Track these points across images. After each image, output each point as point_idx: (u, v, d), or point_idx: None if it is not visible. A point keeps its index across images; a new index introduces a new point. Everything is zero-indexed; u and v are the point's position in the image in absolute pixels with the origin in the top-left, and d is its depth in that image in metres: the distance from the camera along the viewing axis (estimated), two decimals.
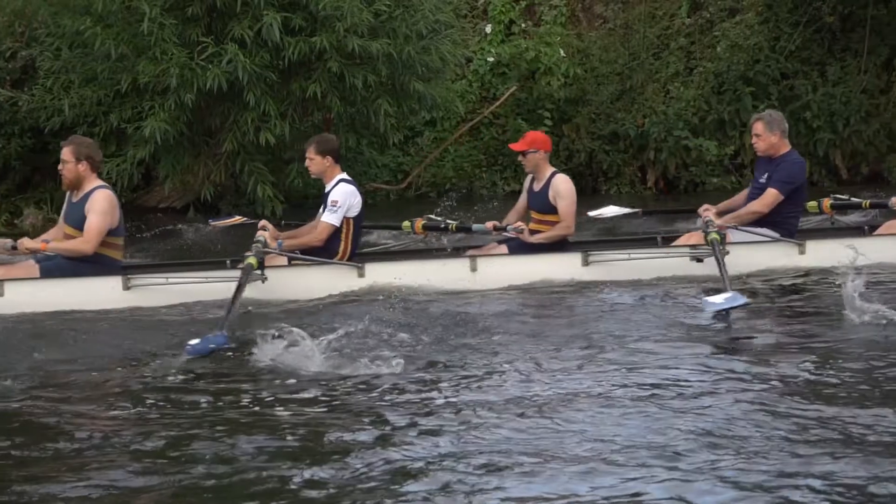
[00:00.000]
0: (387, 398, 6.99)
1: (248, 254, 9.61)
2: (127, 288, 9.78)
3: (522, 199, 11.02)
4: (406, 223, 11.36)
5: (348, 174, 10.65)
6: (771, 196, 10.46)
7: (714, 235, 9.85)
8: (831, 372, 7.18)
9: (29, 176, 17.65)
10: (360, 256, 10.59)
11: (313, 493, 5.43)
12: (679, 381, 7.09)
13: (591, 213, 12.65)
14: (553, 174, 10.74)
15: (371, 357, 7.68)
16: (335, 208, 10.15)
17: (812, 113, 19.25)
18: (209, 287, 9.85)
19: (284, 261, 10.16)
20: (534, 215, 10.77)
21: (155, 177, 17.64)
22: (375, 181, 19.10)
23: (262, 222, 10.34)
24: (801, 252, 10.46)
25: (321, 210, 10.38)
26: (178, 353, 8.07)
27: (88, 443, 6.31)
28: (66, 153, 9.87)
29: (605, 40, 20.60)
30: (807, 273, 10.18)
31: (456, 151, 19.81)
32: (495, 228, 10.72)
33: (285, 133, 15.92)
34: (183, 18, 15.61)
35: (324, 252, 10.18)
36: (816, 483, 5.27)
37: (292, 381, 7.43)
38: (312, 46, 15.53)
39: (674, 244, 10.68)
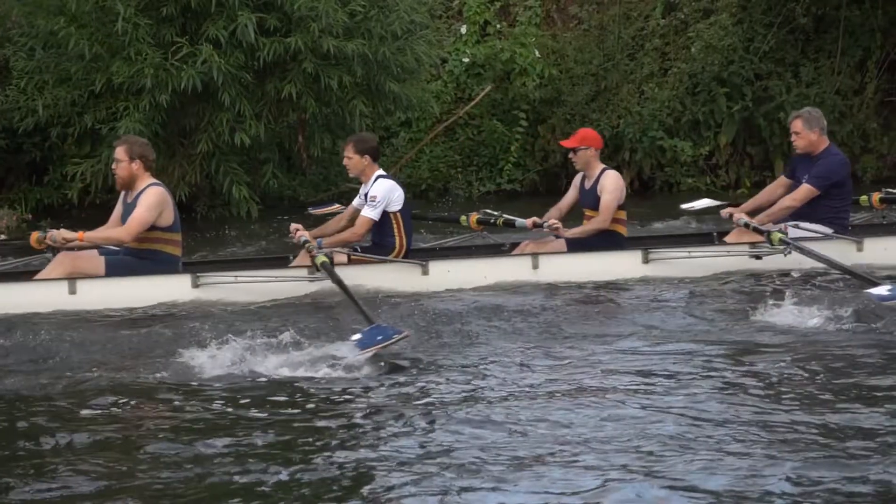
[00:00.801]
0: (460, 394, 7.09)
1: (314, 254, 9.61)
2: (196, 286, 9.85)
3: (568, 197, 11.19)
4: (462, 217, 11.53)
5: (322, 175, 10.69)
6: (804, 191, 10.46)
7: (779, 235, 9.91)
8: None
9: (3, 176, 17.58)
10: (420, 253, 10.76)
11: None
12: (755, 381, 7.11)
13: (684, 206, 12.71)
14: (603, 170, 10.86)
15: (444, 355, 7.90)
16: (374, 203, 10.23)
17: (786, 114, 19.21)
18: (276, 286, 9.95)
19: (344, 258, 10.22)
20: (586, 212, 10.89)
21: None
22: (350, 182, 19.08)
23: (295, 224, 10.36)
24: (860, 249, 10.38)
25: (356, 205, 10.54)
26: (248, 348, 8.10)
27: (159, 440, 6.35)
28: (120, 152, 9.91)
29: (580, 41, 20.62)
30: (870, 271, 9.92)
31: (431, 152, 19.82)
32: (534, 225, 10.83)
33: (260, 134, 15.90)
34: (157, 19, 15.57)
35: (379, 249, 10.33)
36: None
37: (374, 377, 7.58)
38: (287, 47, 15.51)
39: (730, 241, 10.69)
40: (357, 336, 8.06)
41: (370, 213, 10.22)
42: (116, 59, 15.51)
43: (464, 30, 20.55)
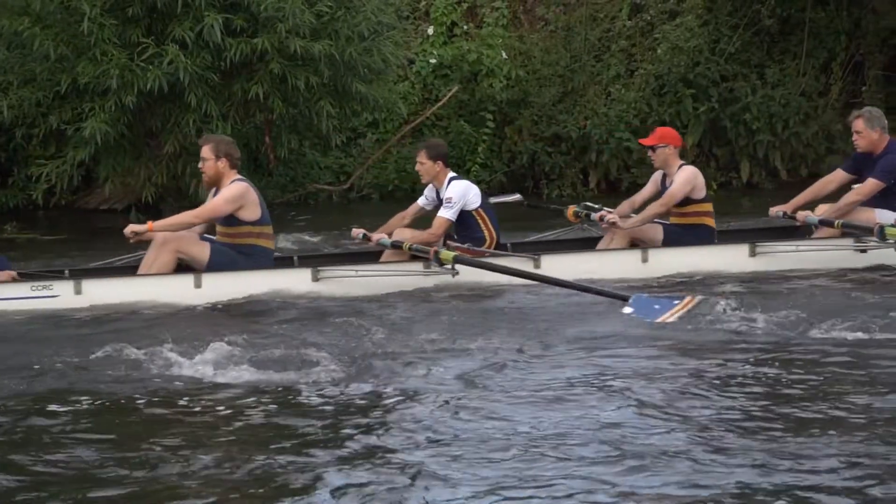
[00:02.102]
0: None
1: (438, 250, 9.88)
2: (316, 280, 10.02)
3: (644, 192, 11.34)
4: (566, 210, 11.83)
5: (289, 176, 10.73)
6: (870, 185, 10.62)
7: (892, 229, 10.08)
8: None
9: None
10: (526, 246, 11.03)
11: None
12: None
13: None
14: (681, 166, 10.95)
15: (567, 347, 8.03)
16: (451, 204, 10.49)
17: (752, 115, 19.43)
18: (396, 280, 10.17)
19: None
20: (672, 209, 10.98)
21: (95, 178, 17.50)
22: (318, 182, 19.07)
23: (357, 229, 10.72)
24: None
25: (421, 204, 10.89)
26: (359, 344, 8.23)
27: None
28: (206, 151, 10.07)
29: (547, 42, 20.68)
30: None
31: (398, 153, 19.80)
32: (600, 219, 11.06)
33: (227, 134, 15.83)
34: (123, 19, 15.49)
35: (472, 242, 10.50)
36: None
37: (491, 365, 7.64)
38: (254, 47, 15.46)
39: (819, 237, 10.82)
40: (630, 309, 8.50)
41: (447, 213, 10.48)
42: (82, 59, 15.42)
43: (431, 31, 20.56)
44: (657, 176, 11.19)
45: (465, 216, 10.54)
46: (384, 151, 19.65)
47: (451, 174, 10.75)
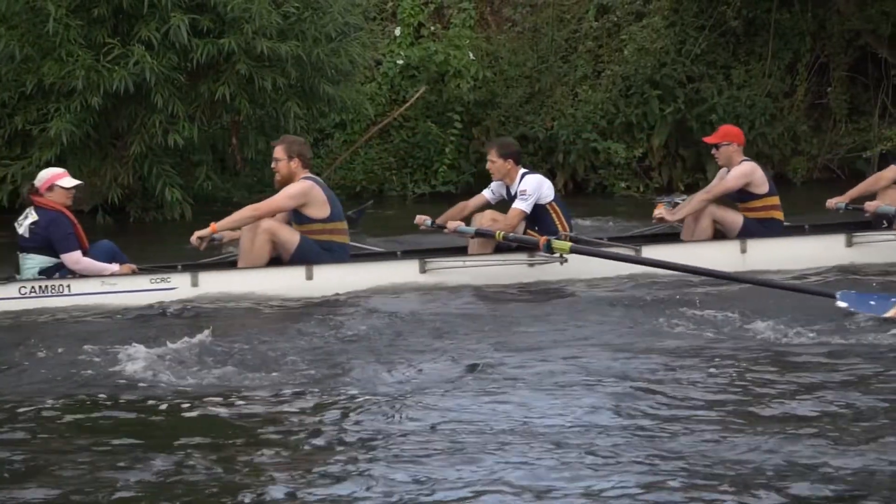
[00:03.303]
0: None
1: (550, 238, 9.86)
2: (423, 271, 10.16)
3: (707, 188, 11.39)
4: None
5: (258, 178, 10.75)
6: None
7: None
8: None
9: None
10: (625, 239, 11.12)
11: None
12: None
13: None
14: (741, 163, 11.03)
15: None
16: (525, 196, 10.56)
17: (718, 116, 19.48)
18: (504, 270, 10.28)
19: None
20: (738, 206, 11.09)
21: None
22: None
23: (422, 216, 10.99)
24: None
25: (488, 197, 10.97)
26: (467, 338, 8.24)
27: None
28: (279, 151, 10.23)
29: (514, 43, 20.72)
30: None
31: (366, 154, 19.81)
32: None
33: (194, 135, 15.81)
34: (88, 20, 15.42)
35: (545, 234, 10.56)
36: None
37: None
38: (220, 48, 15.43)
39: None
40: (843, 303, 8.46)
41: (522, 205, 10.55)
42: (47, 60, 15.35)
43: (398, 32, 20.57)
44: (722, 173, 11.27)
45: (538, 210, 10.61)
46: (351, 152, 19.65)
47: (523, 170, 10.82)
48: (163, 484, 5.43)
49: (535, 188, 10.60)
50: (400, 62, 20.20)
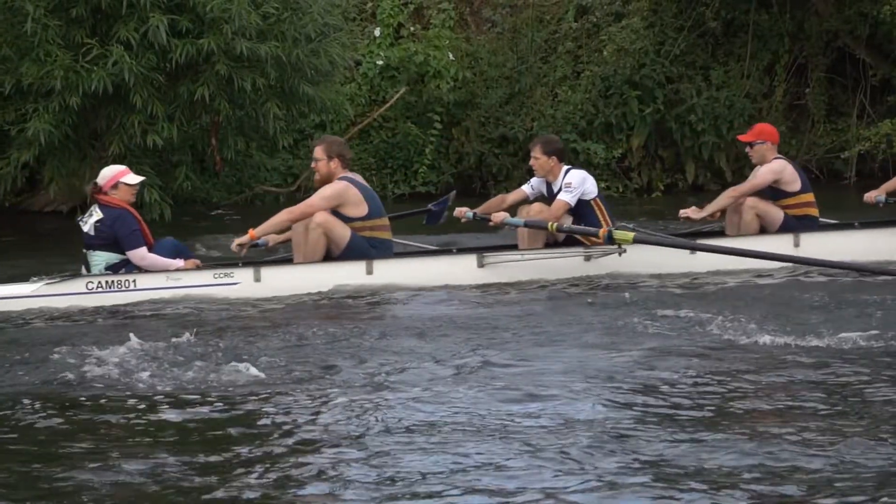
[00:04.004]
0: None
1: (611, 229, 10.14)
2: (481, 266, 10.23)
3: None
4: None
5: (237, 178, 10.74)
6: None
7: None
8: None
9: None
10: (690, 236, 11.13)
11: None
12: None
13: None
14: (772, 161, 11.05)
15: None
16: (570, 189, 10.61)
17: (697, 116, 19.56)
18: (561, 263, 10.33)
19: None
20: (778, 202, 11.05)
21: (40, 180, 17.38)
22: (265, 184, 19.02)
23: (462, 209, 11.06)
24: None
25: (527, 192, 11.06)
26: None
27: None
28: (319, 151, 10.32)
29: (494, 44, 20.75)
30: None
31: None
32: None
33: (173, 136, 15.77)
34: (67, 20, 15.36)
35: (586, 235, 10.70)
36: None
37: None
38: (200, 48, 15.39)
39: None
40: None
41: (567, 197, 10.58)
42: (25, 60, 15.29)
43: (377, 32, 20.57)
44: (756, 170, 11.30)
45: (582, 205, 10.64)
46: None
47: (567, 166, 10.89)
48: (221, 478, 5.44)
49: (580, 182, 10.65)
50: (380, 63, 20.21)
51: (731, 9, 20.11)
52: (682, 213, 11.16)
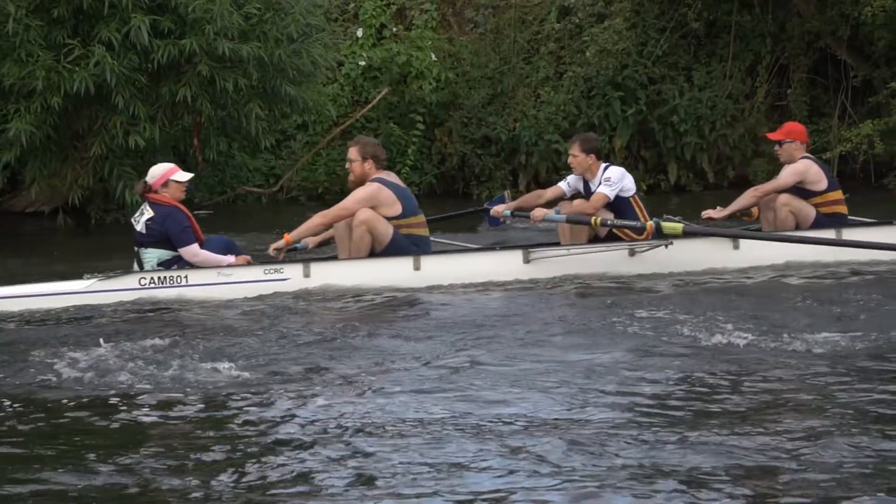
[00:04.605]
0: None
1: (659, 221, 10.27)
2: (527, 262, 10.33)
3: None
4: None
5: (219, 178, 10.74)
6: None
7: None
8: None
9: None
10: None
11: None
12: None
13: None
14: (798, 160, 11.07)
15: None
16: (610, 183, 10.68)
17: (679, 117, 19.57)
18: (606, 258, 10.42)
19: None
20: (809, 200, 11.08)
21: (21, 181, 17.32)
22: (247, 184, 18.99)
23: (498, 208, 11.27)
24: None
25: (564, 189, 11.09)
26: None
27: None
28: (353, 152, 10.50)
29: (476, 45, 20.75)
30: None
31: (328, 155, 19.79)
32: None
33: (155, 136, 15.73)
34: (49, 20, 15.31)
35: (631, 228, 10.69)
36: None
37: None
38: (182, 49, 15.36)
39: None
40: None
41: (607, 190, 10.64)
42: (7, 60, 15.23)
43: (360, 33, 20.56)
44: (784, 169, 11.34)
45: (622, 202, 10.69)
46: (313, 154, 19.62)
47: (605, 164, 10.95)
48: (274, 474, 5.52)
49: (619, 178, 10.72)
50: (362, 63, 20.20)
51: (714, 10, 20.13)
52: (705, 213, 11.22)
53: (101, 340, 8.09)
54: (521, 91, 20.00)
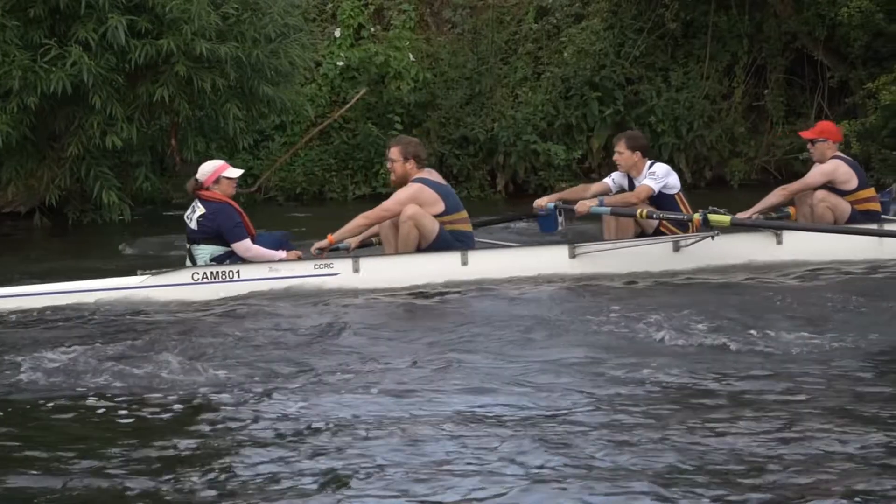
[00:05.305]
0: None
1: (706, 212, 10.24)
2: (573, 256, 10.35)
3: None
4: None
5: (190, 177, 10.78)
6: None
7: None
8: None
9: None
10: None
11: None
12: None
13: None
14: (829, 160, 11.06)
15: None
16: (655, 177, 10.73)
17: (657, 118, 19.62)
18: (652, 253, 10.43)
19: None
20: (844, 198, 11.11)
21: None
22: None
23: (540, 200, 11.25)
24: None
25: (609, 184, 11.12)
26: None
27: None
28: (395, 152, 10.49)
29: (454, 45, 20.75)
30: None
31: (306, 156, 19.76)
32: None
33: (132, 136, 15.69)
34: (25, 20, 15.26)
35: (677, 226, 10.78)
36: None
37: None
38: (159, 49, 15.32)
39: None
40: None
41: (652, 183, 10.68)
42: None
43: (338, 33, 20.54)
44: (814, 168, 11.34)
45: (666, 199, 10.71)
46: (291, 154, 19.60)
47: (650, 160, 10.97)
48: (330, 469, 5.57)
49: (665, 174, 10.76)
50: (340, 63, 20.18)
51: (691, 10, 20.18)
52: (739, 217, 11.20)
53: (153, 336, 8.33)
54: (499, 91, 20.02)
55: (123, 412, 6.60)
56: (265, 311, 9.39)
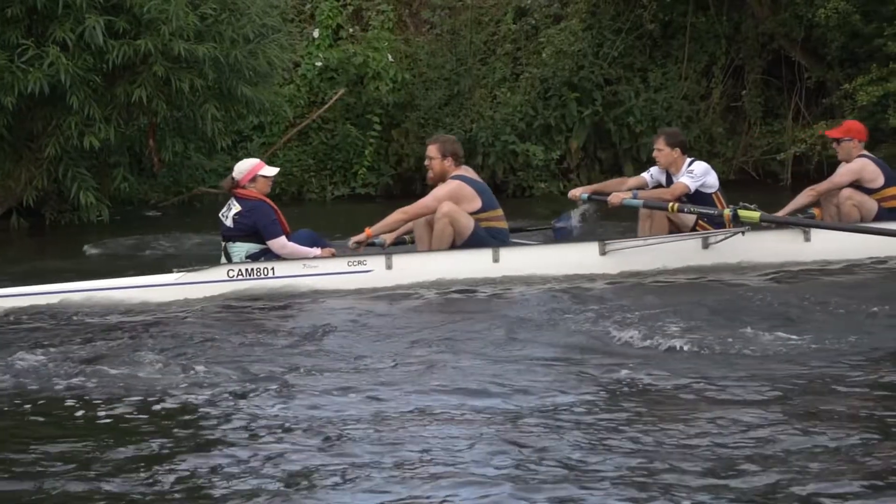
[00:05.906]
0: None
1: (736, 208, 10.28)
2: (603, 253, 10.42)
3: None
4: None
5: (175, 179, 10.76)
6: None
7: None
8: None
9: None
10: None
11: None
12: None
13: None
14: (855, 159, 11.08)
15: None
16: (693, 175, 10.71)
17: (635, 118, 19.67)
18: (683, 249, 10.46)
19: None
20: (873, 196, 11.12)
21: None
22: (203, 185, 18.91)
23: (575, 191, 11.33)
24: None
25: (647, 179, 11.14)
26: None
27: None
28: (433, 150, 10.61)
29: (433, 46, 20.75)
30: None
31: (285, 156, 19.74)
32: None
33: (110, 137, 15.65)
34: (2, 20, 15.20)
35: (712, 225, 10.70)
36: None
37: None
38: (137, 49, 15.28)
39: None
40: None
41: (689, 181, 10.67)
42: None
43: (316, 34, 20.53)
44: (840, 167, 11.36)
45: (703, 197, 10.68)
46: (270, 155, 19.57)
47: (690, 158, 10.98)
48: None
49: (703, 172, 10.74)
50: (318, 64, 20.17)
51: (669, 11, 20.25)
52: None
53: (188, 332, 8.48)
54: (478, 92, 20.03)
55: (166, 407, 6.66)
56: (299, 309, 9.55)
